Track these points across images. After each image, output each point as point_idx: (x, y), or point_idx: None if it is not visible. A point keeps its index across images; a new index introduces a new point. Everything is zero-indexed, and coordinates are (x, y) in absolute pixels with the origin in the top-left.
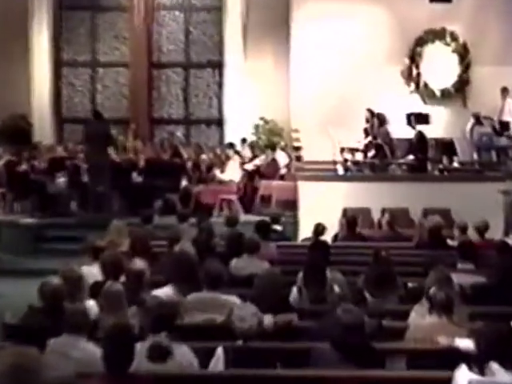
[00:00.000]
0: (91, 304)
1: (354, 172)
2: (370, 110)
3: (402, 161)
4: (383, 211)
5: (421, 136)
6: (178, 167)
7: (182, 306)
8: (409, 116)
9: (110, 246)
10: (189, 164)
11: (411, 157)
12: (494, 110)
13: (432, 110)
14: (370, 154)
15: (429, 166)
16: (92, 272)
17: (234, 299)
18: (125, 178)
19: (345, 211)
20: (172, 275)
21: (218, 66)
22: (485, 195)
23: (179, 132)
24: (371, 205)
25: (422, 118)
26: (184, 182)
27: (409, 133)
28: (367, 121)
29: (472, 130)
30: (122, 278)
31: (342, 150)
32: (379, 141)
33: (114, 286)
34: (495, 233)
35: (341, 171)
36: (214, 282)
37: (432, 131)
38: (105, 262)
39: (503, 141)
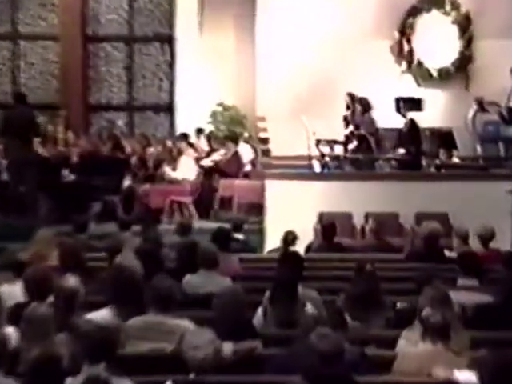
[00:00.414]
0: (10, 331)
1: (332, 169)
2: (350, 95)
3: (390, 155)
4: (367, 216)
5: (413, 125)
6: (119, 163)
7: (124, 332)
8: (398, 101)
9: (35, 259)
10: (133, 159)
11: (401, 150)
12: (502, 93)
13: (427, 94)
14: (352, 146)
15: (423, 162)
16: (13, 291)
17: (187, 324)
18: (54, 177)
19: (321, 216)
20: (111, 295)
21: (167, 40)
22: (490, 197)
23: (121, 121)
24: (353, 209)
25: (415, 104)
26: (127, 182)
27: (398, 122)
28: (348, 107)
29: (474, 117)
30: (50, 299)
31: (318, 142)
32: (362, 131)
33: (39, 308)
34: (502, 242)
35: (317, 168)
36: (162, 303)
37: (427, 119)
38: (28, 280)
39: None
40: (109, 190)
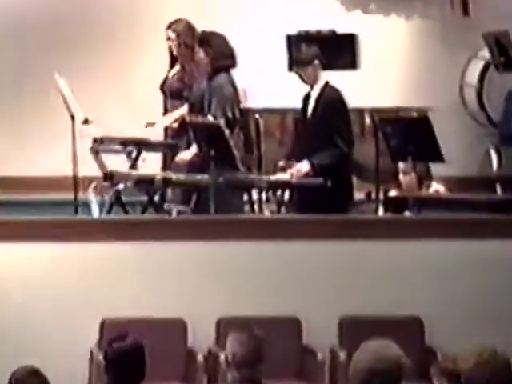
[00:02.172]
0: None
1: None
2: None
3: (277, 177)
4: (219, 324)
5: (332, 106)
6: None
7: None
8: (292, 41)
9: None
10: None
11: (305, 166)
12: None
13: (366, 30)
14: (188, 155)
15: (355, 195)
16: None
17: None
18: None
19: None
20: None
21: None
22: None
23: None
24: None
25: (338, 52)
26: None
27: (292, 98)
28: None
29: (483, 80)
30: None
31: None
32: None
33: None
34: None
35: (95, 210)
36: None
37: (368, 92)
38: None
39: None
40: None
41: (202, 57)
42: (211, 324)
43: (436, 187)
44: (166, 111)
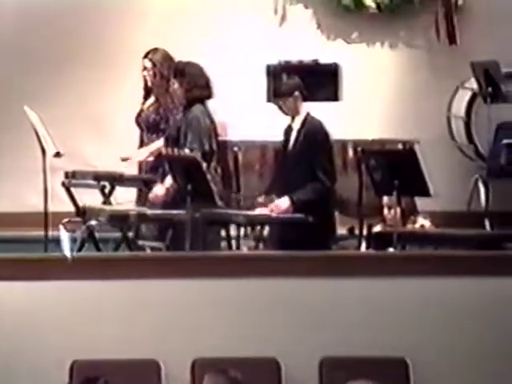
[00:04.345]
0: None
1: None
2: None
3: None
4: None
5: (313, 138)
6: None
7: None
8: (270, 69)
9: None
10: None
11: (286, 203)
12: None
13: (348, 61)
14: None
15: (338, 231)
16: None
17: None
18: None
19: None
20: None
21: None
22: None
23: None
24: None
25: (320, 81)
26: None
27: (273, 130)
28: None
29: (470, 111)
30: None
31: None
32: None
33: None
34: None
35: (66, 247)
36: None
37: (351, 124)
38: None
39: None
40: None
41: (177, 88)
42: (186, 365)
43: (422, 222)
44: (142, 144)
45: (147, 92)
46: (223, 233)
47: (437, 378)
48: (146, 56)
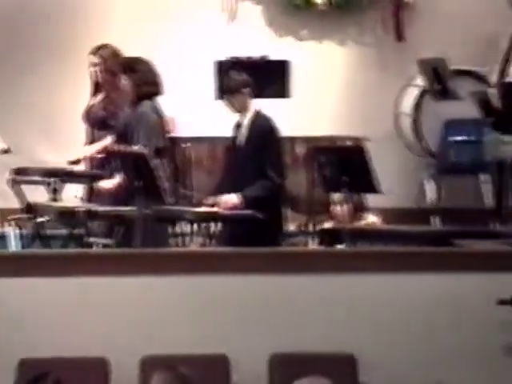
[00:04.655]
0: None
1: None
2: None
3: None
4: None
5: (266, 132)
6: None
7: None
8: (220, 65)
9: None
10: None
11: (235, 199)
12: (475, 51)
13: (298, 56)
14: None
15: (287, 227)
16: None
17: None
18: None
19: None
20: None
21: None
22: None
23: None
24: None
25: (270, 79)
26: None
27: (223, 125)
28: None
29: (419, 109)
30: None
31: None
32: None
33: None
34: None
35: (13, 244)
36: None
37: (300, 121)
38: None
39: (509, 144)
40: None
41: (126, 84)
42: (135, 363)
43: (371, 219)
44: (91, 141)
45: (96, 88)
46: (174, 230)
47: (385, 374)
48: (94, 52)
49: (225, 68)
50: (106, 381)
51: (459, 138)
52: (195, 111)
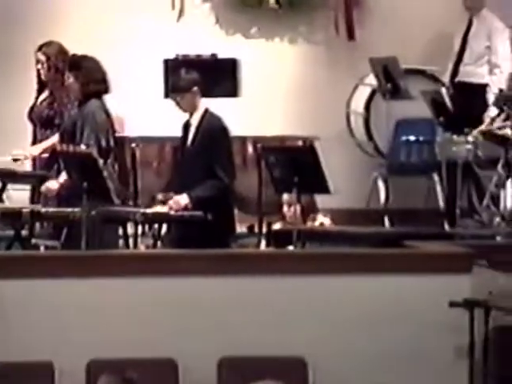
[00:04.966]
0: None
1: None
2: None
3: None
4: None
5: (215, 131)
6: None
7: None
8: (168, 63)
9: None
10: None
11: (184, 200)
12: (429, 46)
13: (248, 55)
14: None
15: (237, 229)
16: None
17: None
18: None
19: None
20: None
21: None
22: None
23: None
24: None
25: (216, 75)
26: None
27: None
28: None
29: (369, 108)
30: None
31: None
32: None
33: None
34: None
35: None
36: None
37: (248, 121)
38: None
39: (461, 145)
40: None
41: (72, 82)
42: (81, 367)
43: (322, 220)
44: (35, 140)
45: (41, 86)
46: (121, 231)
47: (335, 377)
48: (39, 49)
49: (173, 66)
50: None
51: (410, 138)
52: (143, 110)
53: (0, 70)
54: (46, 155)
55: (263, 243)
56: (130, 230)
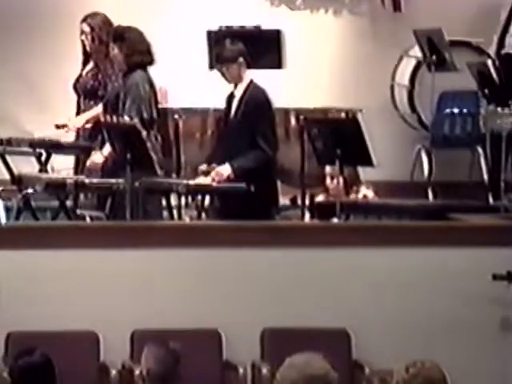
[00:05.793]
0: None
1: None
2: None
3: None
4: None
5: (259, 103)
6: None
7: None
8: (211, 35)
9: None
10: None
11: (227, 171)
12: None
13: (293, 26)
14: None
15: (280, 201)
16: None
17: None
18: None
19: None
20: None
21: None
22: (446, 287)
23: None
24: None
25: (264, 48)
26: None
27: (214, 96)
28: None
29: (414, 79)
30: None
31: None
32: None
33: None
34: None
35: (2, 216)
36: None
37: (294, 91)
38: None
39: (505, 117)
40: None
41: (116, 53)
42: (125, 337)
43: (364, 192)
44: (79, 111)
45: (86, 57)
46: (164, 202)
47: (378, 349)
48: (84, 20)
49: (217, 38)
50: (96, 354)
51: (454, 110)
52: (187, 82)
53: (47, 40)
54: (89, 126)
55: (307, 215)
56: (174, 201)
